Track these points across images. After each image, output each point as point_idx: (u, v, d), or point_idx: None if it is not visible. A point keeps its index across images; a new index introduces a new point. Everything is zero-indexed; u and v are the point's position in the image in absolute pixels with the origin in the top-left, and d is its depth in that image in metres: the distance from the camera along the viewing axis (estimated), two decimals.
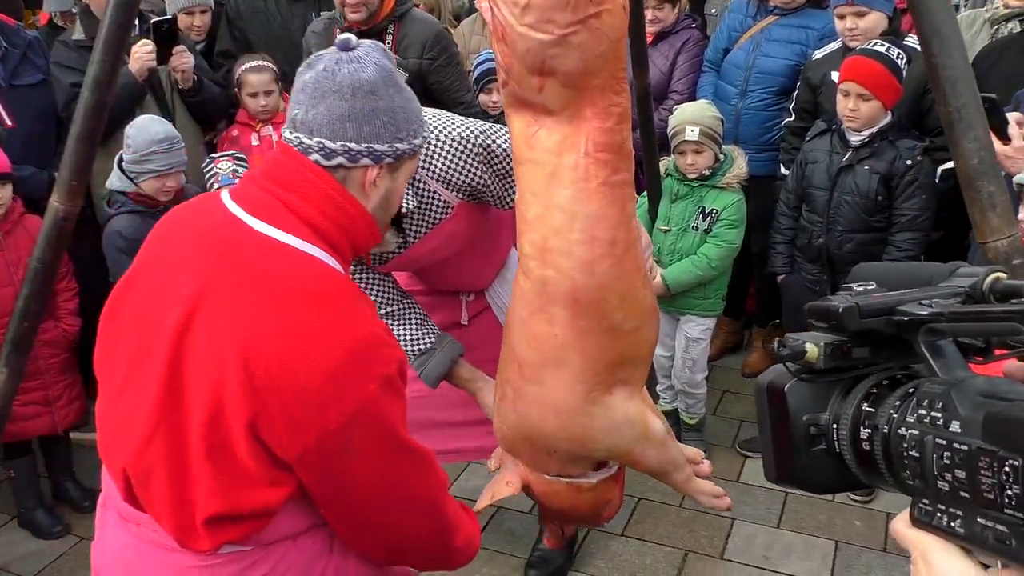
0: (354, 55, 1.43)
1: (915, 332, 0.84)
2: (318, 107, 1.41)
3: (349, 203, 1.45)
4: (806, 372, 0.90)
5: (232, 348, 1.33)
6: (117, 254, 3.19)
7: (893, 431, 0.81)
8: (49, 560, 3.29)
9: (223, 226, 1.42)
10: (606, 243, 1.78)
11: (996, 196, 1.76)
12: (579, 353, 1.84)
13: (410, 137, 1.50)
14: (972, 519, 0.75)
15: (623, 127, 1.77)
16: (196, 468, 1.38)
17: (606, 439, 1.96)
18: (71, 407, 3.51)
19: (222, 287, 1.37)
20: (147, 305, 1.47)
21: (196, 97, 3.92)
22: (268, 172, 1.45)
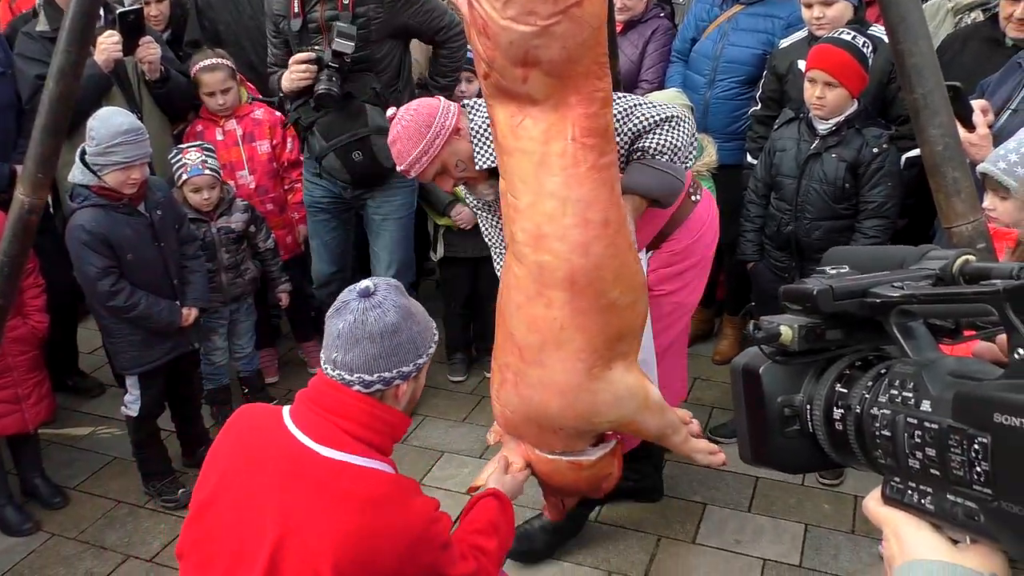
0: (375, 301, 1.73)
1: (887, 314, 0.85)
2: (354, 351, 1.72)
3: (388, 414, 1.78)
4: (781, 354, 0.91)
5: (323, 555, 1.64)
6: (81, 248, 3.15)
7: (865, 411, 0.83)
8: (20, 557, 3.25)
9: (296, 456, 1.73)
10: (599, 224, 1.82)
11: (961, 182, 1.79)
12: (579, 332, 1.89)
13: (427, 349, 1.81)
14: (942, 496, 0.76)
15: (607, 111, 1.81)
16: None
17: (610, 411, 2.02)
18: (40, 405, 3.46)
19: (304, 508, 1.68)
20: (236, 528, 1.74)
21: (163, 88, 3.87)
22: (321, 402, 1.76)
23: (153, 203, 3.33)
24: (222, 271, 3.85)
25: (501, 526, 2.05)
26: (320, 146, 3.63)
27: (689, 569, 3.08)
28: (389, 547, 1.69)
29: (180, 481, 3.58)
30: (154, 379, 3.44)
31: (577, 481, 2.21)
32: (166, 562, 3.21)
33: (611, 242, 1.86)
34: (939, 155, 1.77)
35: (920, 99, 1.77)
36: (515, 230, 1.90)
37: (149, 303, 3.28)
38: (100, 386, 4.38)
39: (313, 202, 3.96)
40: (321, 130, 3.60)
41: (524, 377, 1.99)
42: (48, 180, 2.28)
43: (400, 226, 3.92)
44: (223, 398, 4.11)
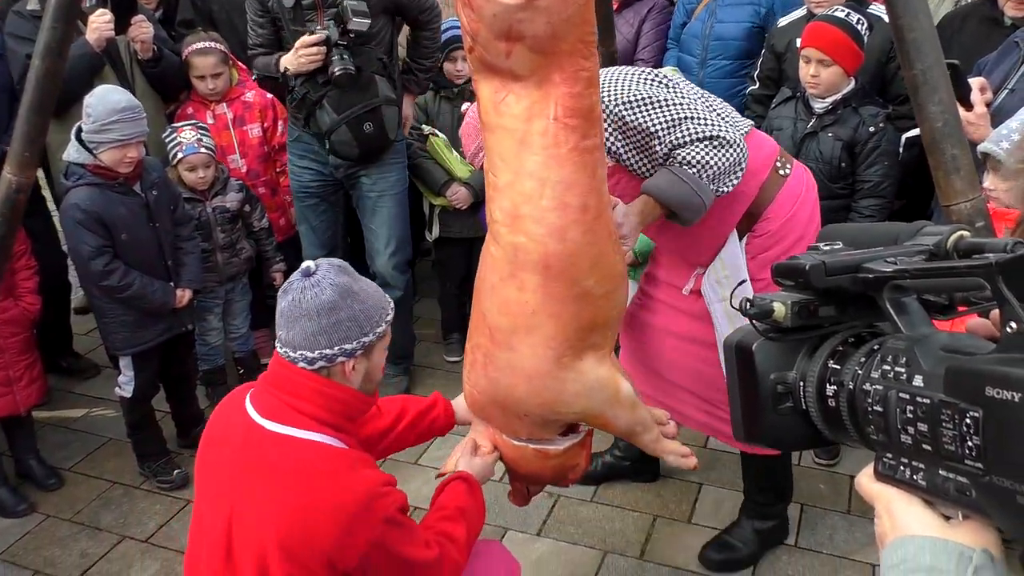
0: (314, 280, 1.77)
1: (880, 289, 0.84)
2: (294, 328, 1.78)
3: (336, 390, 1.80)
4: (773, 331, 0.90)
5: (266, 529, 1.70)
6: (75, 227, 3.12)
7: (858, 387, 0.82)
8: (15, 538, 3.25)
9: (246, 432, 1.80)
10: (577, 209, 1.77)
11: (960, 159, 1.77)
12: (550, 319, 1.85)
13: (374, 328, 1.82)
14: (934, 471, 0.76)
15: (592, 91, 1.76)
16: None
17: (577, 403, 1.97)
18: (32, 387, 3.45)
19: (250, 482, 1.75)
20: (205, 505, 1.86)
21: (156, 68, 3.83)
22: (272, 380, 1.83)
23: (148, 183, 3.31)
24: (217, 251, 3.83)
25: (469, 510, 2.03)
26: (331, 119, 3.57)
27: (685, 548, 3.09)
28: (327, 520, 1.69)
29: (175, 462, 3.58)
30: (148, 360, 3.42)
31: (543, 470, 2.18)
32: (161, 543, 3.21)
33: (589, 228, 1.81)
34: (938, 132, 1.75)
35: (919, 75, 1.74)
36: (493, 209, 1.86)
37: (143, 283, 3.26)
38: (94, 367, 4.37)
39: (301, 187, 3.92)
40: (332, 103, 3.55)
41: (493, 359, 1.95)
42: (35, 159, 2.25)
43: (396, 202, 3.89)
44: (218, 379, 4.10)
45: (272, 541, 1.70)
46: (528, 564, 3.00)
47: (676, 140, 2.20)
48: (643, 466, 3.39)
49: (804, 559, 3.01)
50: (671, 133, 2.20)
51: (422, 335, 4.55)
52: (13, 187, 2.22)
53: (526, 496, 2.39)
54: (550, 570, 3.01)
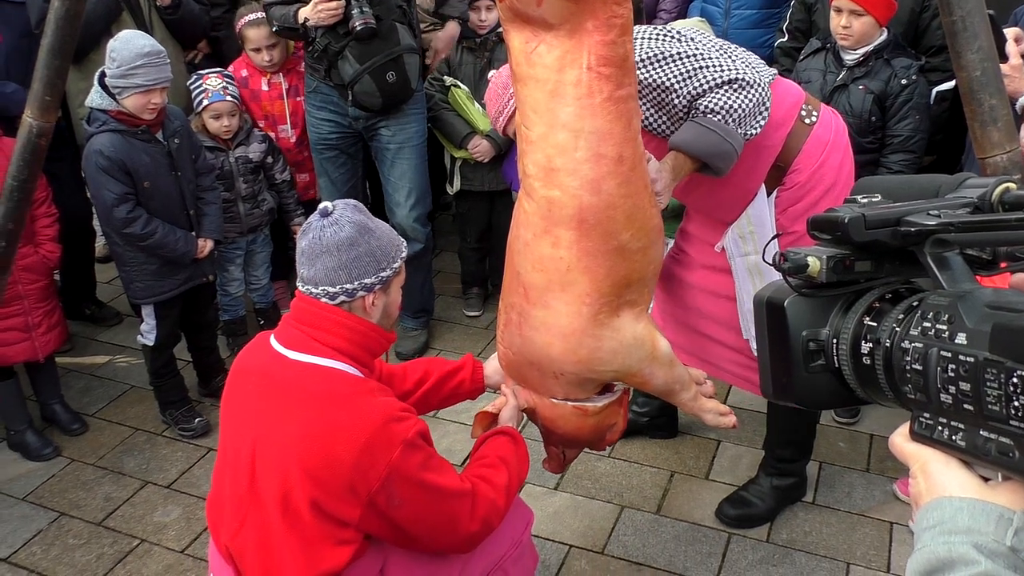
0: (332, 219, 1.84)
1: (921, 244, 0.81)
2: (315, 265, 1.84)
3: (356, 323, 1.87)
4: (807, 287, 0.88)
5: (289, 453, 1.77)
6: (98, 173, 3.12)
7: (896, 345, 0.80)
8: (40, 481, 3.31)
9: (270, 362, 1.88)
10: (612, 160, 1.73)
11: (998, 110, 1.71)
12: (585, 275, 1.82)
13: (391, 263, 1.89)
14: (975, 432, 0.74)
15: (626, 39, 1.71)
16: (280, 542, 1.81)
17: (614, 360, 1.94)
18: (51, 333, 3.47)
19: (273, 410, 1.82)
20: (229, 439, 1.94)
21: (175, 15, 3.79)
22: (295, 316, 1.90)
23: (171, 131, 3.29)
24: (239, 201, 3.83)
25: (511, 460, 2.04)
26: (354, 70, 3.53)
27: (702, 505, 3.09)
28: (347, 441, 1.74)
29: (197, 410, 3.61)
30: (169, 309, 3.44)
31: (580, 429, 2.15)
32: (183, 489, 3.26)
33: (625, 180, 1.77)
34: (976, 81, 1.69)
35: (958, 21, 1.68)
36: (526, 163, 1.83)
37: (165, 232, 3.26)
38: (117, 315, 4.40)
39: (320, 139, 3.89)
40: (354, 53, 3.51)
41: (528, 318, 1.93)
42: (56, 102, 2.23)
43: (416, 153, 3.86)
44: (239, 329, 4.12)
45: (295, 465, 1.76)
46: (545, 517, 3.02)
47: (694, 90, 2.14)
48: (660, 422, 3.39)
49: (821, 516, 3.01)
50: (687, 84, 2.15)
51: (441, 289, 4.55)
52: (34, 131, 2.21)
53: (561, 462, 2.36)
54: (567, 524, 3.02)
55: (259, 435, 1.83)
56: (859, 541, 2.91)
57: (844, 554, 2.86)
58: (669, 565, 2.84)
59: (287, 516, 1.80)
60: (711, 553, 2.88)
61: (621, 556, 2.89)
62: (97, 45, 3.57)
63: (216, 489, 2.00)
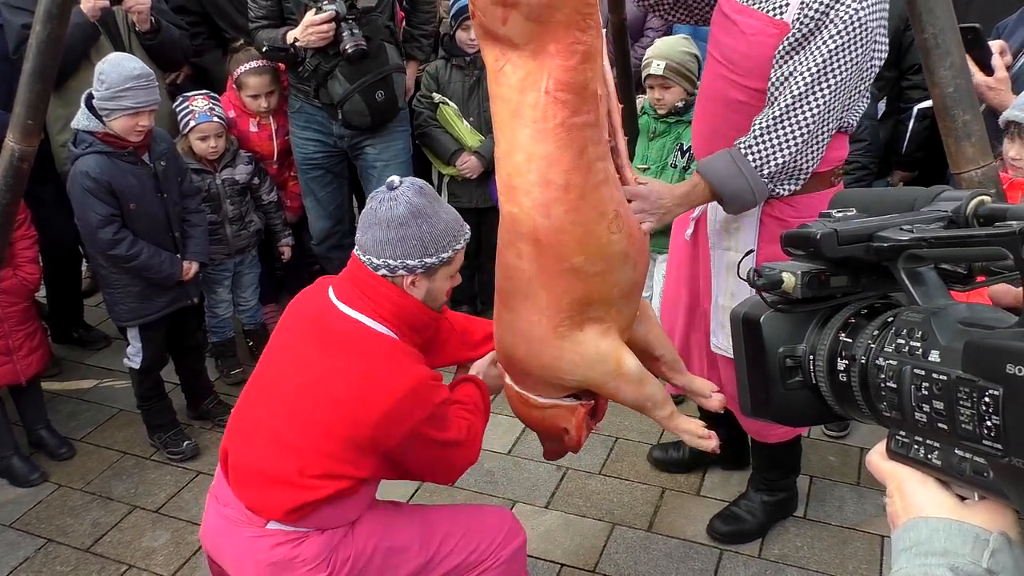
0: (393, 195, 1.91)
1: (895, 259, 0.81)
2: (367, 234, 1.94)
3: (399, 296, 1.96)
4: (783, 302, 0.87)
5: (328, 394, 1.92)
6: (84, 194, 3.11)
7: (871, 362, 0.79)
8: (27, 507, 3.28)
9: (324, 310, 2.03)
10: (559, 187, 1.74)
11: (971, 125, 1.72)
12: (544, 289, 1.85)
13: (439, 253, 1.94)
14: (950, 451, 0.73)
15: (587, 67, 1.70)
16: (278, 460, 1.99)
17: (576, 371, 1.98)
18: (33, 356, 3.45)
19: (318, 352, 1.97)
20: (276, 361, 2.09)
21: (154, 40, 3.77)
22: (351, 273, 2.02)
23: (157, 153, 3.29)
24: (227, 223, 3.83)
25: (480, 405, 2.23)
26: (344, 89, 3.55)
27: (693, 521, 3.08)
28: (381, 396, 1.88)
29: (185, 433, 3.59)
30: (155, 331, 3.42)
31: (527, 417, 2.21)
32: (172, 513, 3.23)
33: (572, 208, 1.77)
34: (949, 97, 1.70)
35: (931, 39, 1.69)
36: (499, 175, 1.88)
37: (150, 254, 3.26)
38: (105, 338, 4.39)
39: (305, 159, 3.89)
40: (344, 73, 3.54)
41: (500, 317, 2.02)
42: (38, 127, 2.23)
43: (403, 170, 3.86)
44: (228, 351, 4.11)
45: (329, 398, 1.91)
46: (537, 536, 3.01)
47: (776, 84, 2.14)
48: (730, 453, 3.24)
49: (812, 530, 3.00)
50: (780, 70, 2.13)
51: None
52: (16, 155, 2.21)
53: (547, 449, 2.37)
54: (558, 542, 3.01)
55: (302, 370, 1.98)
56: (851, 555, 2.91)
57: (836, 568, 2.86)
58: None
59: (297, 439, 1.96)
60: (703, 570, 2.87)
61: (613, 574, 2.87)
62: (76, 71, 3.57)
63: (241, 410, 2.15)
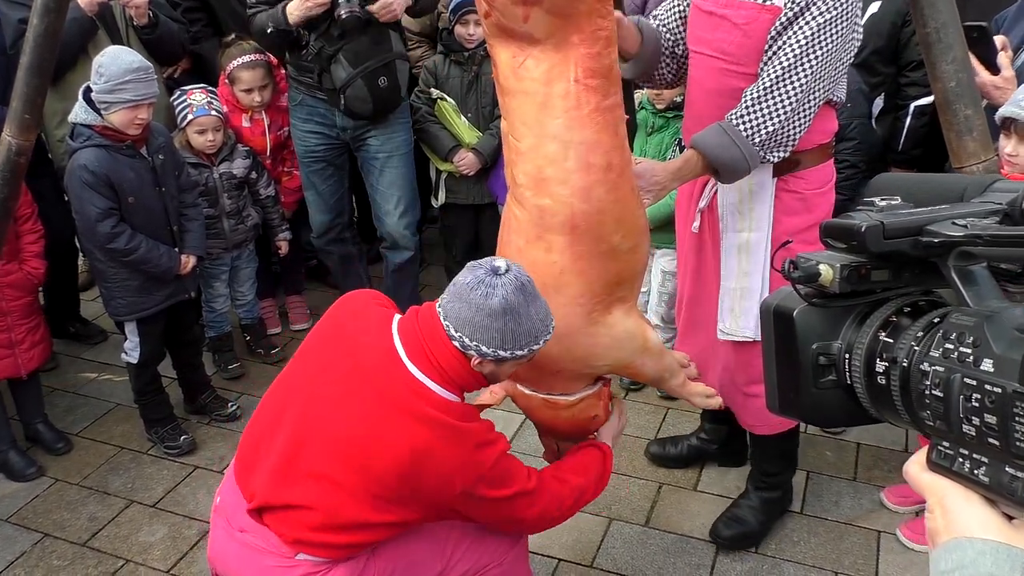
0: (495, 281, 1.86)
1: (945, 255, 0.75)
2: (455, 304, 1.89)
3: (463, 366, 1.91)
4: (818, 296, 0.81)
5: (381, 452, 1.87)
6: (82, 188, 3.10)
7: (914, 366, 0.73)
8: (24, 501, 3.28)
9: (388, 361, 1.94)
10: (601, 168, 1.79)
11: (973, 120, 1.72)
12: (578, 277, 1.89)
13: (514, 350, 1.90)
14: (1000, 468, 0.67)
15: (611, 51, 1.76)
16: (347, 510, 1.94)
17: (608, 354, 2.02)
18: (35, 350, 3.45)
19: (371, 404, 1.90)
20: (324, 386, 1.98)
21: (152, 34, 3.76)
22: (423, 326, 1.94)
23: (155, 147, 3.29)
24: (224, 217, 3.82)
25: (592, 470, 2.18)
26: (347, 73, 3.52)
27: (690, 516, 3.09)
28: (433, 467, 1.86)
29: (182, 428, 3.59)
30: (152, 326, 3.42)
31: (555, 420, 2.22)
32: (169, 508, 3.23)
33: (613, 186, 1.84)
34: (951, 92, 1.70)
35: (932, 33, 1.69)
36: (516, 173, 1.89)
37: (149, 247, 3.25)
38: (102, 333, 4.38)
39: (307, 151, 3.88)
40: (348, 57, 3.51)
41: None
42: (35, 121, 2.22)
43: (404, 162, 3.88)
44: (225, 345, 4.10)
45: (385, 464, 1.87)
46: None
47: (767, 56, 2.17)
48: (729, 449, 3.29)
49: (809, 525, 3.01)
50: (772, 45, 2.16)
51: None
52: (13, 150, 2.20)
53: (555, 453, 2.40)
54: (556, 538, 3.01)
55: (355, 417, 1.92)
56: (847, 550, 2.91)
57: (832, 563, 2.86)
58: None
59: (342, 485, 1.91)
60: (700, 565, 2.87)
61: (610, 569, 2.88)
62: (74, 65, 3.56)
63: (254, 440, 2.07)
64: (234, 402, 3.79)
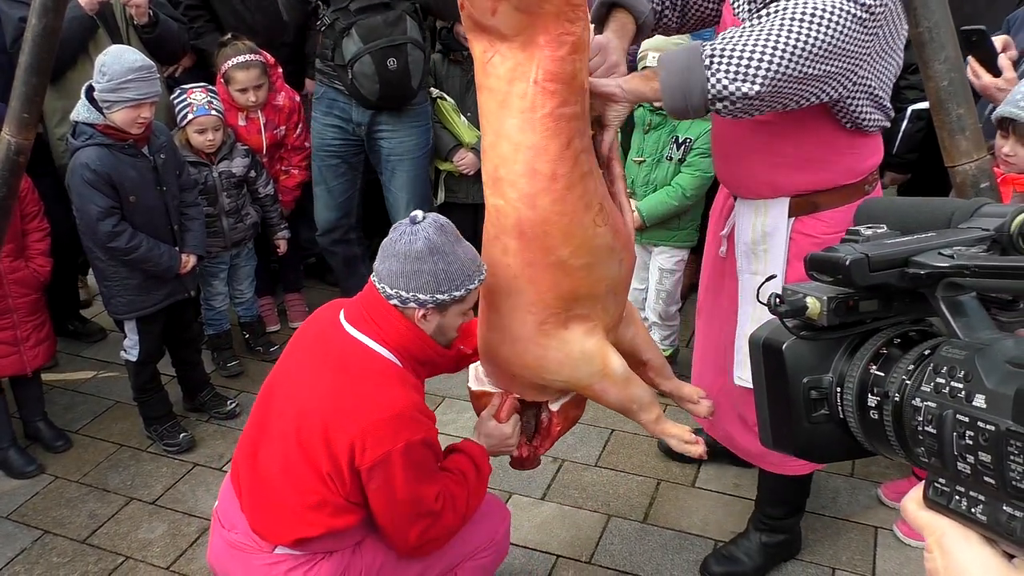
0: (413, 228, 1.91)
1: (933, 286, 0.73)
2: (384, 263, 1.95)
3: (407, 328, 1.97)
4: (807, 329, 0.79)
5: (318, 408, 1.94)
6: (84, 186, 3.11)
7: (906, 401, 0.71)
8: (24, 498, 3.29)
9: (330, 328, 2.06)
10: (546, 176, 1.73)
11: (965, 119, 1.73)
12: (528, 284, 1.84)
13: (452, 290, 1.93)
14: (997, 507, 0.65)
15: (576, 57, 1.70)
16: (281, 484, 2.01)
17: (561, 371, 1.96)
18: (40, 348, 3.47)
19: (316, 369, 2.01)
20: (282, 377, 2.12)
21: (152, 33, 3.77)
22: (364, 298, 2.03)
23: (156, 146, 3.30)
24: (223, 216, 3.83)
25: (469, 476, 2.18)
26: (357, 48, 3.56)
27: (688, 512, 3.10)
28: (363, 412, 1.90)
29: (181, 425, 3.60)
30: (152, 324, 3.43)
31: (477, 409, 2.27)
32: (168, 505, 3.24)
33: (559, 198, 1.76)
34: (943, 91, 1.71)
35: (925, 33, 1.70)
36: (483, 169, 1.88)
37: (150, 246, 3.26)
38: (101, 331, 4.39)
39: (323, 145, 3.92)
40: (360, 32, 3.56)
41: (484, 316, 2.01)
42: (35, 119, 2.23)
43: (414, 165, 3.89)
44: (224, 343, 4.12)
45: (319, 426, 1.93)
46: (533, 527, 3.02)
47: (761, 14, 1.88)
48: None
49: (806, 521, 3.01)
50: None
51: None
52: (13, 149, 2.20)
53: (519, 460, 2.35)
54: (554, 534, 3.02)
55: (302, 391, 2.00)
56: (844, 546, 2.93)
57: (829, 559, 2.87)
58: (656, 573, 2.85)
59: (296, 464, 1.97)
60: (698, 561, 2.88)
61: (608, 565, 2.89)
62: (74, 64, 3.57)
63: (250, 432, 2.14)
64: (233, 400, 3.80)
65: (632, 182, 3.58)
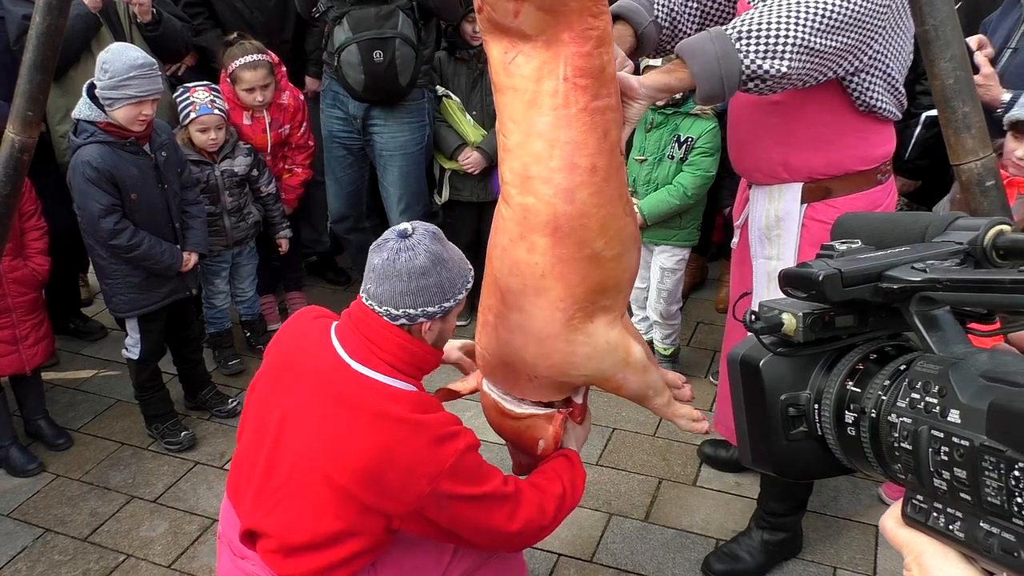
0: (409, 243, 1.87)
1: (907, 301, 0.73)
2: (384, 285, 1.88)
3: (411, 344, 1.92)
4: (783, 345, 0.78)
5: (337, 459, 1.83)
6: (86, 184, 3.11)
7: (882, 417, 0.71)
8: (26, 497, 3.29)
9: (333, 367, 1.92)
10: (586, 170, 1.75)
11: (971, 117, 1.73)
12: (559, 281, 1.83)
13: (455, 295, 1.92)
14: (974, 523, 0.64)
15: (602, 51, 1.72)
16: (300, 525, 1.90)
17: (587, 365, 1.96)
18: (39, 346, 3.47)
19: (331, 416, 1.86)
20: (265, 404, 1.99)
21: (156, 31, 3.78)
22: (358, 323, 1.93)
23: (158, 144, 3.30)
24: (225, 214, 3.83)
25: (565, 476, 2.12)
26: (345, 36, 3.62)
27: (689, 511, 3.10)
28: (396, 462, 1.81)
29: (182, 424, 3.60)
30: (153, 322, 3.43)
31: (501, 426, 2.19)
32: (169, 503, 3.24)
33: (597, 190, 1.77)
34: (949, 89, 1.71)
35: (931, 31, 1.70)
36: (504, 170, 1.86)
37: (151, 244, 3.26)
38: (102, 329, 4.39)
39: (331, 135, 4.02)
40: (350, 21, 3.61)
41: (504, 321, 1.95)
42: (38, 118, 2.22)
43: (408, 160, 3.94)
44: (225, 342, 4.12)
45: (343, 472, 1.82)
46: None
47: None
48: None
49: (808, 521, 3.01)
50: None
51: None
52: (16, 147, 2.20)
53: (523, 468, 2.35)
54: (555, 532, 3.00)
55: (313, 432, 1.88)
56: (845, 545, 2.93)
57: (831, 558, 2.88)
58: (657, 572, 2.85)
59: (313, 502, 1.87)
60: (699, 560, 2.88)
61: (610, 564, 2.89)
62: (77, 61, 3.57)
63: (238, 471, 2.04)
64: (234, 398, 3.80)
65: (634, 181, 3.59)
